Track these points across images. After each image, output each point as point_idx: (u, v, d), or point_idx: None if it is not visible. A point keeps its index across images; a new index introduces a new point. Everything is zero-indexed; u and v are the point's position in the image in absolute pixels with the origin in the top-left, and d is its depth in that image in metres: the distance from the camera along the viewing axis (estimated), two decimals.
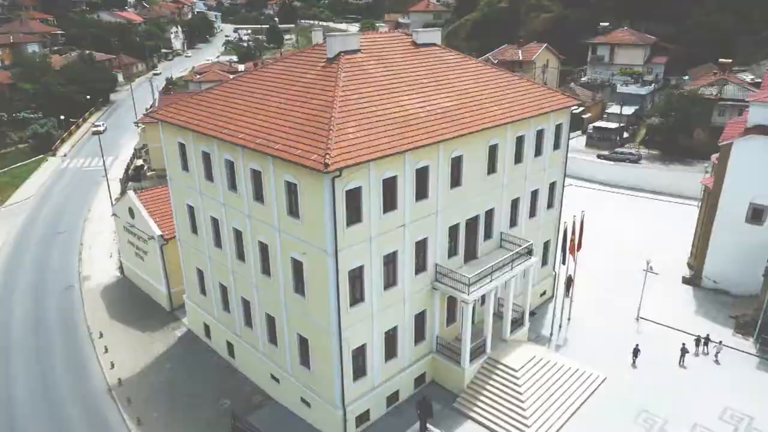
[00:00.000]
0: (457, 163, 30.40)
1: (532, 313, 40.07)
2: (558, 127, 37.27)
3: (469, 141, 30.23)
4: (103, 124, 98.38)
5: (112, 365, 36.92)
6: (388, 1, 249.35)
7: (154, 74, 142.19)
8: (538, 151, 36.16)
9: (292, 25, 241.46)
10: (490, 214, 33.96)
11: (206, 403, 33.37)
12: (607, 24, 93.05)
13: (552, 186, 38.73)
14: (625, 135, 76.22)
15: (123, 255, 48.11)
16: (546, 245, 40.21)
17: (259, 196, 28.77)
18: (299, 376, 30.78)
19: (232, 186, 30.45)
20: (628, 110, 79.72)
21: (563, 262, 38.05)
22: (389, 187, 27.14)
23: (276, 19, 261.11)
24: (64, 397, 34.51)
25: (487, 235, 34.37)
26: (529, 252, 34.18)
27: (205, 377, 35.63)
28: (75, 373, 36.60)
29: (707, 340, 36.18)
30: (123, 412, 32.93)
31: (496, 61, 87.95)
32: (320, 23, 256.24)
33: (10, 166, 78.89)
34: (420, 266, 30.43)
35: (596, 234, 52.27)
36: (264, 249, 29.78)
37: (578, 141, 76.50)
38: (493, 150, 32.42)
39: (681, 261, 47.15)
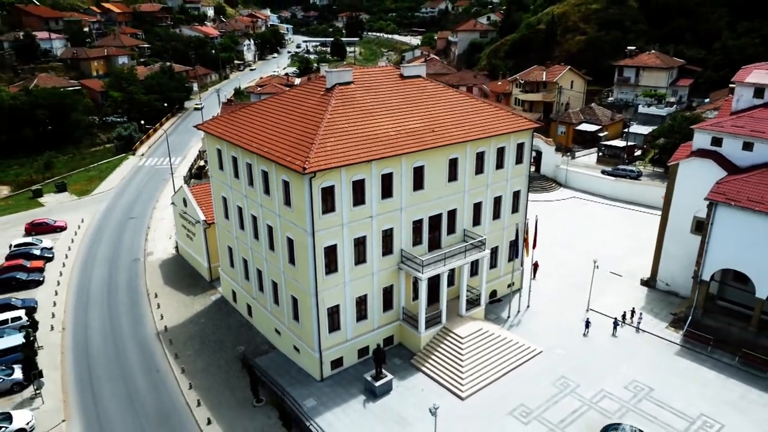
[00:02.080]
0: (419, 171, 39.07)
1: (498, 300, 48.08)
2: (520, 146, 45.06)
3: (429, 154, 38.89)
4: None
5: (162, 317, 48.08)
6: (453, 16, 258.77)
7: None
8: (500, 165, 44.14)
9: (357, 39, 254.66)
10: (452, 213, 42.29)
11: (227, 348, 43.72)
12: (633, 48, 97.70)
13: (516, 194, 46.47)
14: (638, 153, 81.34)
15: (178, 236, 59.73)
16: (512, 244, 47.88)
17: (267, 191, 38.69)
18: (292, 329, 40.42)
19: (251, 183, 40.57)
20: (645, 130, 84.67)
21: (516, 255, 45.84)
22: (358, 186, 36.28)
23: (343, 31, 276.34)
24: (125, 337, 45.90)
25: (451, 230, 42.69)
26: (483, 245, 42.27)
27: (228, 330, 46.05)
28: (134, 322, 48.04)
29: (632, 312, 44.73)
30: (166, 349, 43.89)
31: (522, 81, 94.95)
32: (386, 36, 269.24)
33: (98, 162, 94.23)
34: (387, 250, 39.30)
35: (581, 239, 59.28)
36: (270, 230, 39.72)
37: (591, 158, 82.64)
38: (453, 162, 40.83)
39: (647, 266, 53.22)
